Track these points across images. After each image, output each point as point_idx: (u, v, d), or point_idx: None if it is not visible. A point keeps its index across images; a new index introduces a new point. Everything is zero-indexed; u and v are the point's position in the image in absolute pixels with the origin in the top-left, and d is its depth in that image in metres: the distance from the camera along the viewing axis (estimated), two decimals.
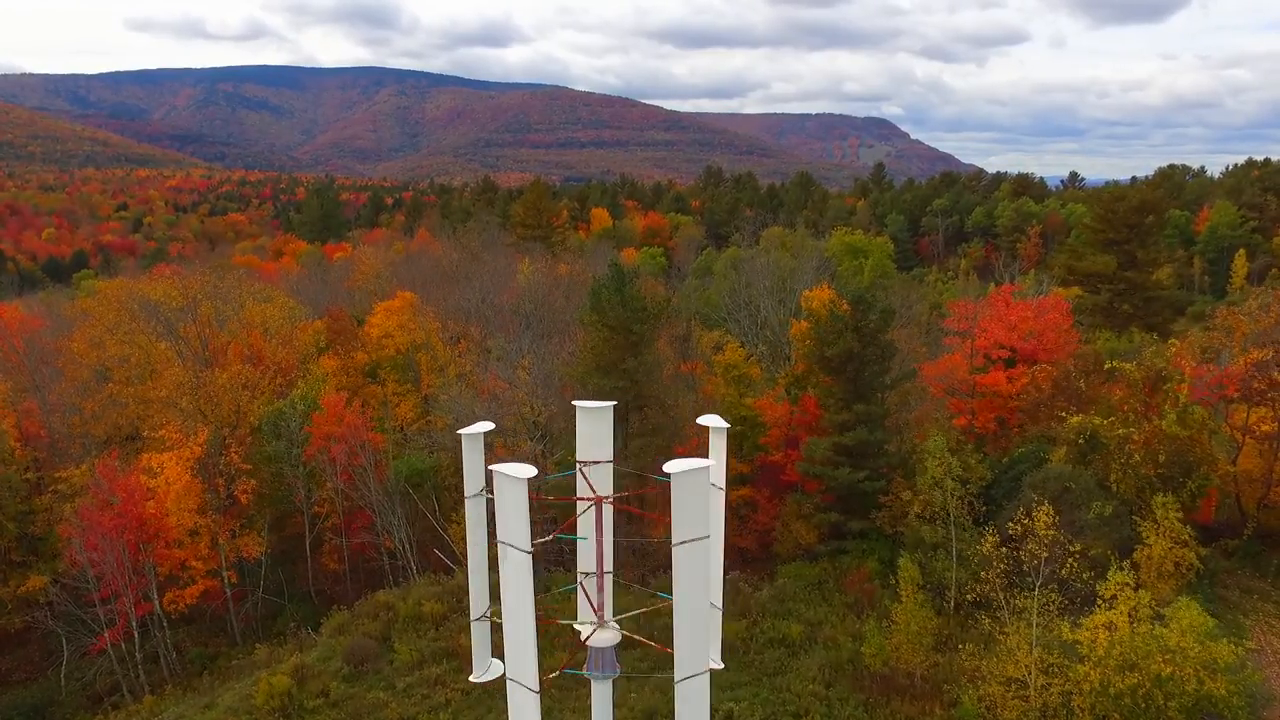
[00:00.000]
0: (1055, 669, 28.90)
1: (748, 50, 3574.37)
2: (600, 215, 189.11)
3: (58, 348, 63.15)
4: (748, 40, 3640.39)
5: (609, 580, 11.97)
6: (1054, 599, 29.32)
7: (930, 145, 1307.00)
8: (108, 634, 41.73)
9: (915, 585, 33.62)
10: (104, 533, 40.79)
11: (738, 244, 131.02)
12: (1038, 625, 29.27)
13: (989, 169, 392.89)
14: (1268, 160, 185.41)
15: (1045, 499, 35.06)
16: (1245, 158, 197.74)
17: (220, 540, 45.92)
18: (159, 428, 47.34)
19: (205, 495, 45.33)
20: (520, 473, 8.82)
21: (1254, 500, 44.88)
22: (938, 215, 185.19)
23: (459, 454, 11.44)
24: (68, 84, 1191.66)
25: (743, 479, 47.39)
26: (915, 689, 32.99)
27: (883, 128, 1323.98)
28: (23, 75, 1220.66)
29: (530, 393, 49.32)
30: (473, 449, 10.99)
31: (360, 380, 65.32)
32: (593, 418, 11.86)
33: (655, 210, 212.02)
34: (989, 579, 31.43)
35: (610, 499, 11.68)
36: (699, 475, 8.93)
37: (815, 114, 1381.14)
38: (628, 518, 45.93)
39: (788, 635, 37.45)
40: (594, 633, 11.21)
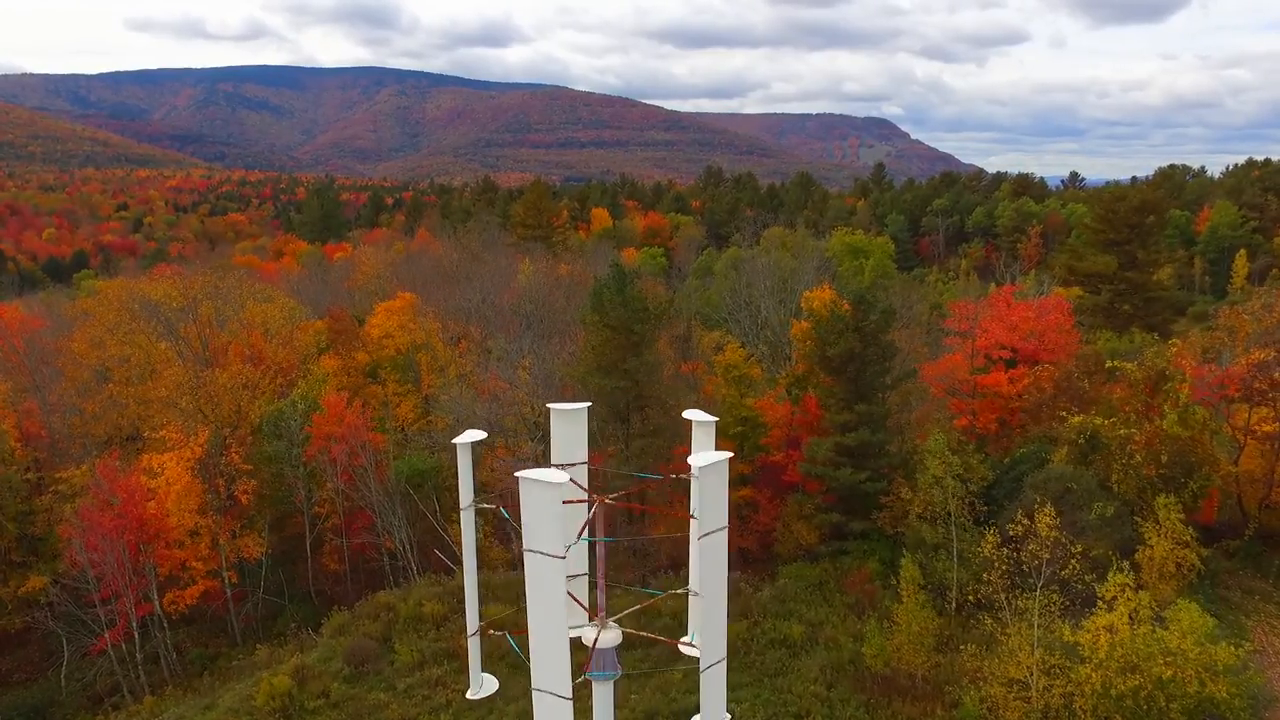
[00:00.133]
0: (1057, 670, 28.85)
1: (748, 50, 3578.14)
2: (600, 215, 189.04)
3: (58, 348, 63.14)
4: (748, 40, 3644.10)
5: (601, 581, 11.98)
6: (1056, 600, 29.27)
7: (930, 145, 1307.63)
8: (108, 634, 41.68)
9: (916, 586, 33.57)
10: (104, 533, 40.74)
11: (738, 244, 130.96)
12: (1039, 626, 29.22)
13: (989, 169, 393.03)
14: (1268, 160, 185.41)
15: (1047, 499, 35.03)
16: (1245, 158, 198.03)
17: (221, 541, 45.87)
18: (159, 428, 47.31)
19: (206, 496, 45.28)
20: (558, 478, 8.66)
21: (1255, 501, 44.83)
22: (938, 215, 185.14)
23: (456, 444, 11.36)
24: (68, 84, 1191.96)
25: (744, 479, 47.35)
26: (917, 690, 32.93)
27: (883, 128, 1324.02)
28: (23, 75, 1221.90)
29: (531, 393, 49.28)
30: (465, 459, 10.93)
31: (361, 380, 65.28)
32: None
33: (655, 210, 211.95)
34: (991, 580, 31.40)
35: (611, 499, 11.65)
36: (720, 467, 9.24)
37: (815, 114, 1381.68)
38: (628, 518, 45.96)
39: (789, 636, 37.39)
40: (595, 634, 11.18)
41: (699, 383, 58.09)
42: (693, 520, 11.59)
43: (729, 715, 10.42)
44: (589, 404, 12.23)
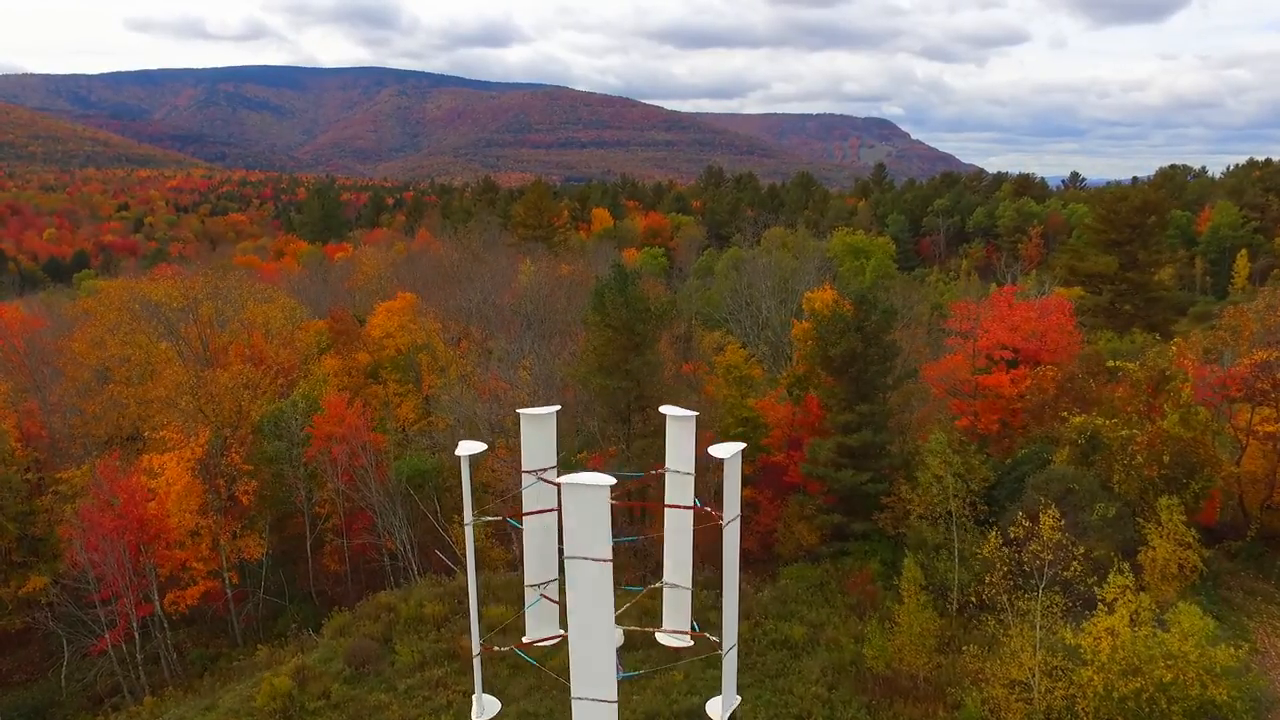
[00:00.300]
0: (1059, 672, 28.79)
1: (748, 50, 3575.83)
2: (601, 215, 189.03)
3: (58, 348, 63.11)
4: (748, 40, 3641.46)
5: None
6: (1058, 601, 29.22)
7: (931, 145, 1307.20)
8: (108, 635, 41.64)
9: (918, 586, 33.52)
10: (105, 534, 40.71)
11: (739, 244, 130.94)
12: (1041, 628, 29.16)
13: (989, 169, 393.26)
14: (1269, 160, 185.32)
15: (1048, 500, 34.98)
16: (1246, 158, 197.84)
17: (221, 541, 45.83)
18: (160, 428, 47.26)
19: (206, 496, 45.23)
20: (602, 481, 8.54)
21: (1257, 502, 44.79)
22: (939, 215, 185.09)
23: (458, 456, 11.27)
24: (69, 84, 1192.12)
25: (744, 480, 47.20)
26: (918, 691, 32.87)
27: (883, 128, 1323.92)
28: (24, 75, 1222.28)
29: (532, 393, 49.23)
30: (466, 472, 10.69)
31: (361, 380, 65.27)
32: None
33: (656, 210, 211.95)
34: (992, 581, 31.36)
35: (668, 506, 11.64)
36: (737, 458, 9.79)
37: (816, 114, 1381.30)
38: (629, 519, 45.89)
39: (790, 637, 37.35)
40: None
41: (700, 383, 58.03)
42: (669, 511, 11.63)
43: (738, 698, 10.77)
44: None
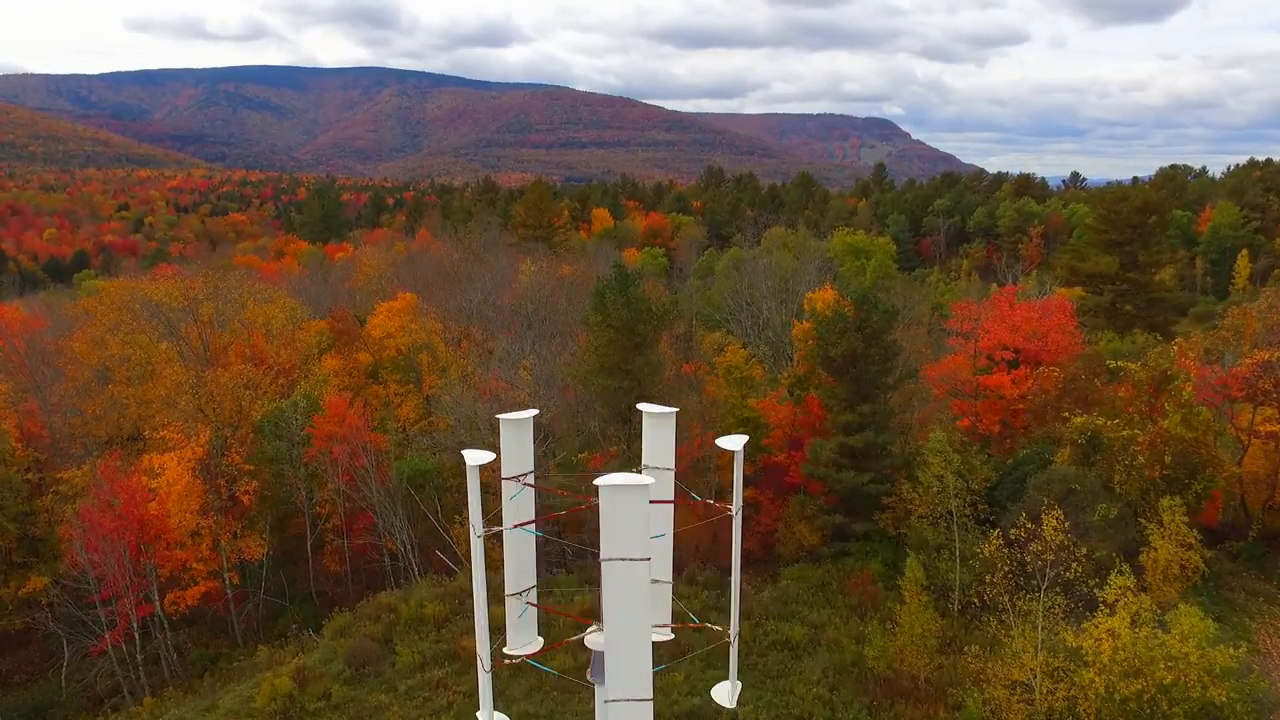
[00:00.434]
0: (1061, 673, 28.73)
1: (748, 50, 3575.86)
2: (602, 215, 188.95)
3: (59, 348, 63.05)
4: (748, 40, 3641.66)
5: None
6: (1060, 602, 29.15)
7: (931, 145, 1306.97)
8: (108, 635, 41.60)
9: (920, 586, 33.46)
10: (105, 534, 40.66)
11: (739, 244, 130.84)
12: (1043, 629, 29.10)
13: (990, 169, 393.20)
14: (1269, 160, 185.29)
15: (1050, 501, 34.93)
16: (1247, 158, 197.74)
17: (222, 541, 45.79)
18: (160, 428, 47.21)
19: (207, 496, 45.19)
20: (641, 481, 8.52)
21: (1259, 502, 44.74)
22: (939, 216, 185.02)
23: (460, 455, 11.17)
24: (69, 84, 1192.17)
25: (746, 480, 47.16)
26: (919, 692, 32.83)
27: (883, 128, 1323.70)
28: (24, 75, 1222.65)
29: (532, 393, 49.18)
30: (472, 478, 10.08)
31: (362, 381, 65.23)
32: (657, 423, 11.69)
33: (656, 210, 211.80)
34: (993, 581, 31.31)
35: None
36: (741, 450, 10.30)
37: (816, 114, 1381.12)
38: None
39: (791, 637, 37.30)
40: (595, 635, 11.11)
41: (700, 383, 57.97)
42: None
43: (740, 683, 11.30)
44: (676, 409, 12.07)
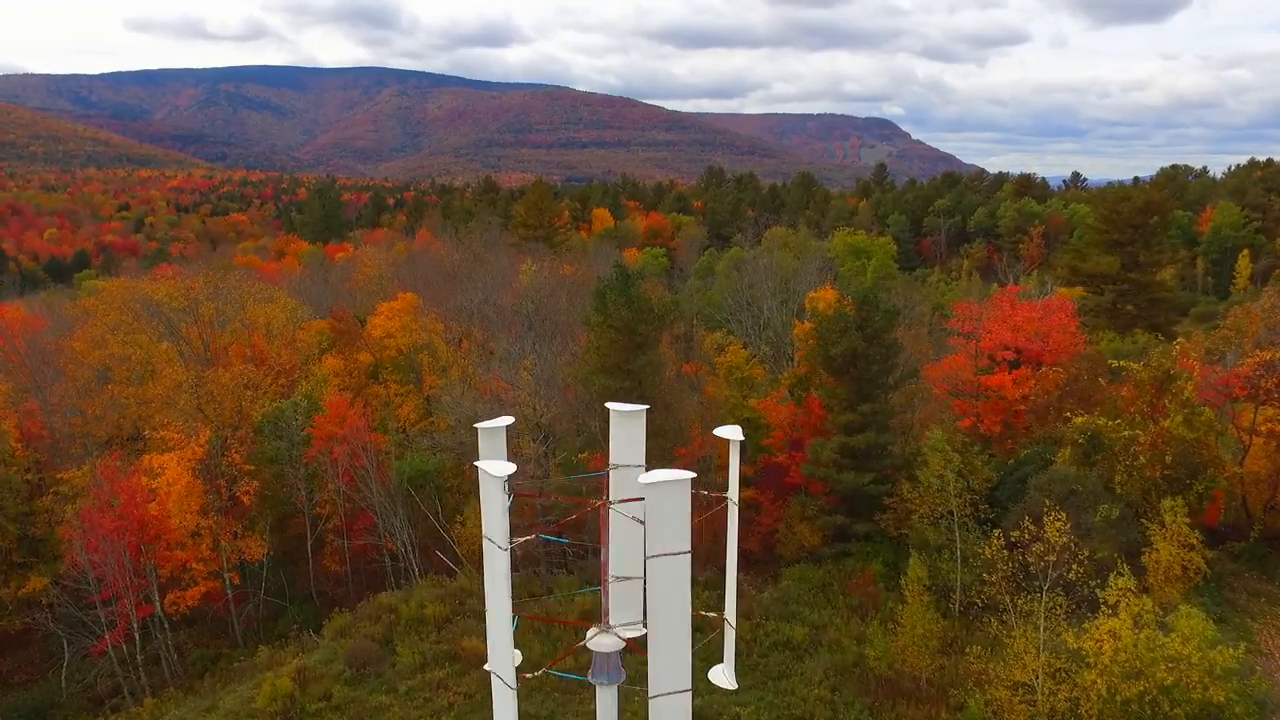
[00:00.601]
0: (1063, 674, 28.66)
1: (748, 50, 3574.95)
2: (602, 215, 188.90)
3: (59, 348, 62.97)
4: (748, 40, 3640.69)
5: (612, 585, 11.83)
6: (1061, 603, 29.09)
7: (931, 145, 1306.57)
8: (109, 636, 41.53)
9: (922, 586, 33.39)
10: (105, 534, 40.59)
11: (740, 244, 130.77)
12: (1045, 629, 29.03)
13: (990, 169, 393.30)
14: (1270, 160, 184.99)
15: (1051, 502, 34.86)
16: (1247, 158, 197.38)
17: (222, 542, 45.74)
18: (160, 428, 47.14)
19: (207, 496, 45.14)
20: (683, 476, 8.93)
21: (1260, 502, 44.67)
22: (940, 216, 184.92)
23: (462, 455, 11.18)
24: (69, 84, 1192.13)
25: (746, 481, 47.16)
26: (921, 693, 32.78)
27: (884, 128, 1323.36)
28: (24, 75, 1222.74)
29: (532, 394, 49.12)
30: (494, 490, 9.42)
31: (363, 381, 65.17)
32: (625, 421, 11.66)
33: (657, 210, 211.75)
34: (994, 582, 31.25)
35: (614, 503, 11.51)
36: (737, 441, 10.50)
37: (816, 114, 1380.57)
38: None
39: (792, 638, 37.24)
40: (597, 637, 11.08)
41: (701, 383, 57.92)
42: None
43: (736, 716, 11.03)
44: (647, 406, 12.09)
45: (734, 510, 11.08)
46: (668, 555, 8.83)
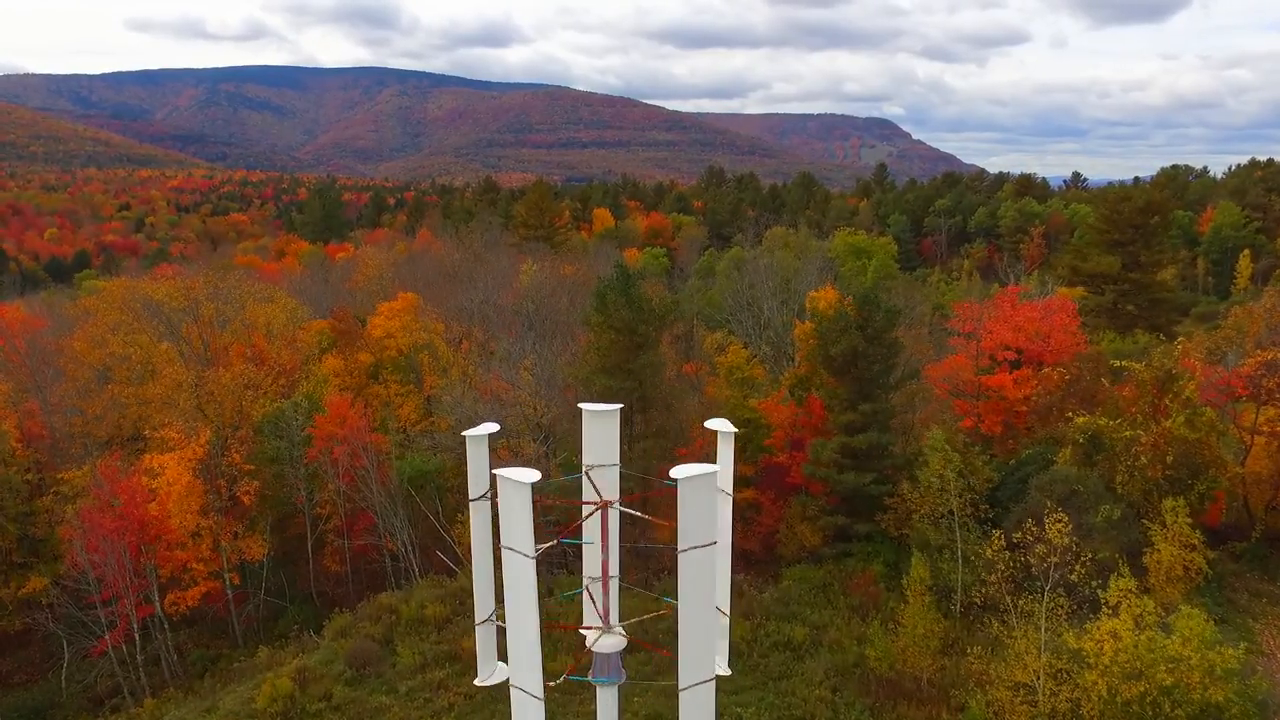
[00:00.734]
0: (1064, 675, 28.61)
1: (748, 50, 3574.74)
2: (602, 215, 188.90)
3: (59, 348, 62.94)
4: (748, 40, 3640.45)
5: (614, 585, 11.81)
6: (1063, 603, 29.04)
7: (932, 145, 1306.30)
8: (109, 636, 41.50)
9: (925, 586, 33.34)
10: (105, 534, 40.56)
11: (740, 244, 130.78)
12: (1046, 630, 28.99)
13: (991, 169, 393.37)
14: (1271, 160, 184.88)
15: (1052, 502, 34.81)
16: (1248, 158, 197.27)
17: (222, 542, 45.70)
18: (160, 428, 47.11)
19: (207, 496, 45.10)
20: (710, 469, 9.03)
21: (1262, 503, 44.62)
22: (940, 216, 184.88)
23: (462, 455, 11.28)
24: (70, 84, 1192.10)
25: (747, 481, 47.14)
26: (922, 693, 32.73)
27: (884, 128, 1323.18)
28: (25, 75, 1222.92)
29: (533, 394, 49.10)
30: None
31: (363, 381, 65.13)
32: (600, 420, 11.70)
33: (657, 210, 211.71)
34: (994, 582, 31.21)
35: (616, 503, 11.49)
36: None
37: (817, 114, 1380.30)
38: (632, 521, 45.84)
39: (792, 638, 37.20)
40: (599, 638, 11.04)
41: (701, 384, 57.91)
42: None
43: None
44: (620, 405, 12.18)
45: (726, 501, 11.28)
46: (697, 548, 8.97)
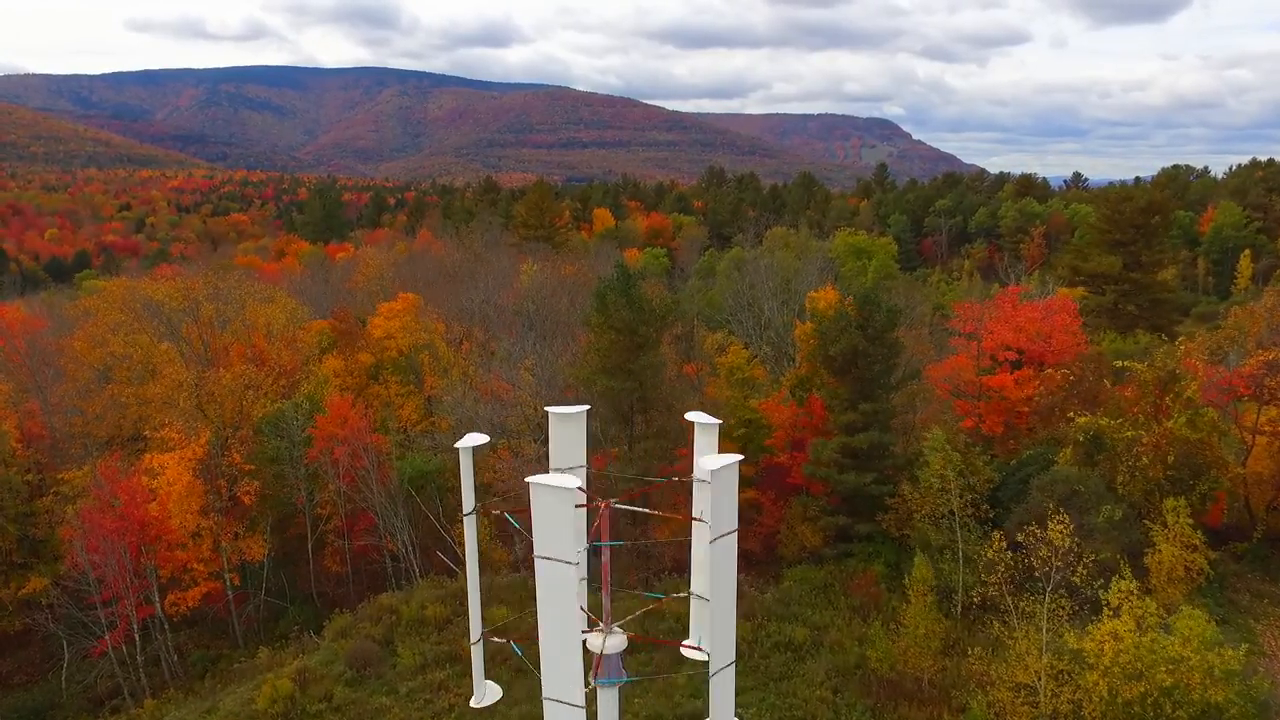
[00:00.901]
0: (1065, 676, 28.57)
1: (748, 50, 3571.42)
2: (603, 215, 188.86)
3: (59, 348, 62.94)
4: (748, 40, 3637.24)
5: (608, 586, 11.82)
6: (1064, 604, 28.99)
7: (932, 145, 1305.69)
8: (109, 637, 41.48)
9: (927, 586, 33.30)
10: (105, 535, 40.54)
11: (741, 245, 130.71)
12: (1048, 631, 28.94)
13: (991, 169, 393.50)
14: (1271, 160, 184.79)
15: (1053, 502, 34.77)
16: (1249, 158, 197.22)
17: (222, 542, 45.67)
18: (160, 428, 47.09)
19: (207, 496, 45.07)
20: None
21: (1263, 503, 44.57)
22: (941, 216, 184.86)
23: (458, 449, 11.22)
24: (70, 84, 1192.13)
25: (748, 481, 47.09)
26: (923, 694, 32.68)
27: (885, 128, 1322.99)
28: (25, 76, 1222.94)
29: (533, 394, 49.08)
30: (467, 463, 10.73)
31: (363, 381, 65.11)
32: (565, 423, 11.66)
33: (658, 211, 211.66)
34: (995, 582, 31.17)
35: (615, 503, 11.46)
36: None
37: (817, 114, 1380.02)
38: (632, 520, 45.70)
39: (793, 639, 37.16)
40: (599, 639, 11.00)
41: (702, 384, 57.86)
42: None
43: (737, 717, 10.45)
44: (588, 406, 12.12)
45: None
46: (724, 536, 9.07)
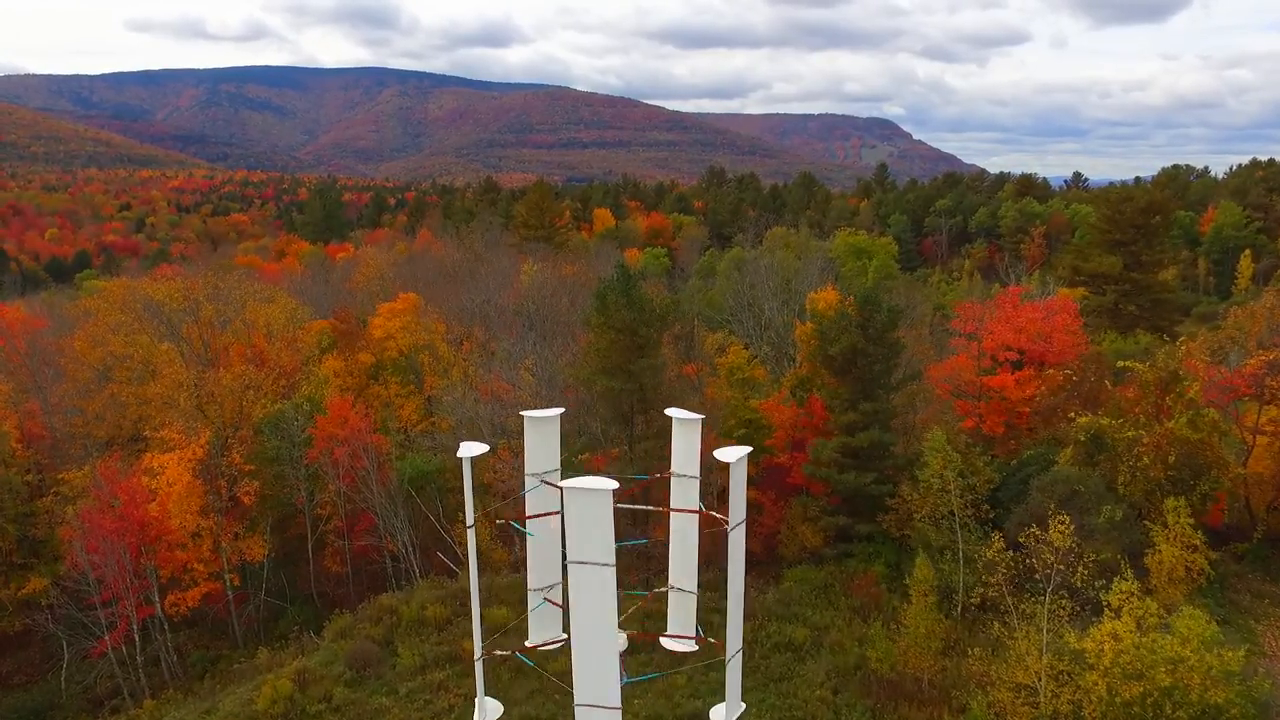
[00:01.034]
0: (1065, 676, 28.55)
1: (748, 50, 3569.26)
2: (603, 215, 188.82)
3: (60, 348, 62.92)
4: (748, 40, 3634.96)
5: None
6: (1065, 605, 28.97)
7: (932, 145, 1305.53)
8: (109, 637, 41.46)
9: (928, 586, 33.28)
10: (105, 535, 40.53)
11: (741, 245, 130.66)
12: (1048, 631, 28.91)
13: (991, 169, 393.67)
14: (1272, 160, 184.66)
15: (1053, 502, 34.74)
16: (1249, 158, 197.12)
17: (222, 542, 45.66)
18: (160, 428, 47.07)
19: (207, 497, 45.05)
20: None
21: (1264, 503, 44.53)
22: (941, 216, 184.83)
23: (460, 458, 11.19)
24: (71, 84, 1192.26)
25: (748, 481, 46.98)
26: (923, 695, 32.65)
27: (885, 128, 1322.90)
28: (26, 76, 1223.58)
29: (534, 394, 49.05)
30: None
31: (364, 381, 65.08)
32: (541, 427, 11.65)
33: (658, 211, 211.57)
34: (995, 583, 31.14)
35: (616, 504, 11.45)
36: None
37: (817, 114, 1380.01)
38: (631, 520, 45.65)
39: (793, 639, 37.14)
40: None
41: (702, 384, 57.79)
42: (674, 516, 11.56)
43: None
44: (563, 410, 12.19)
45: (739, 535, 10.66)
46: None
